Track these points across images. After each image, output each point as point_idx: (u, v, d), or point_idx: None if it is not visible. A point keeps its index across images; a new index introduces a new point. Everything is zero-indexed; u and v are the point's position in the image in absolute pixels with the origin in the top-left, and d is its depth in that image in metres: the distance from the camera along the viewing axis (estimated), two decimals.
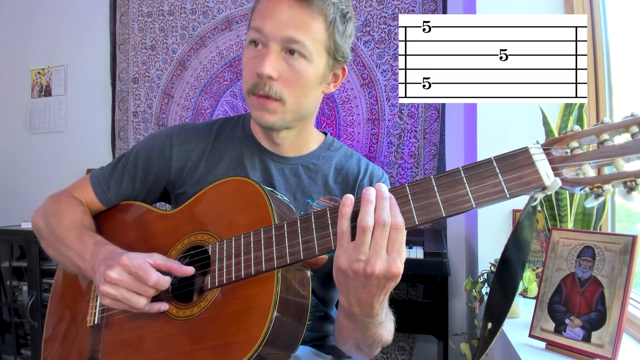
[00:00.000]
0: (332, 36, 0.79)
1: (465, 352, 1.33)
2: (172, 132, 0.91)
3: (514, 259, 0.59)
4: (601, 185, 0.51)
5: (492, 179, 0.53)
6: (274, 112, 0.79)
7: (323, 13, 0.77)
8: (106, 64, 2.56)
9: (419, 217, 0.56)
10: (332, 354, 0.91)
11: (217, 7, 2.34)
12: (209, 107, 2.36)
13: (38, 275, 2.09)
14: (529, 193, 0.53)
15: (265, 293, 0.63)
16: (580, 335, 0.81)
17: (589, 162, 0.52)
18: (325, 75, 0.82)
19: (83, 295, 0.85)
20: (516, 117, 1.45)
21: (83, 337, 0.80)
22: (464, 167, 0.55)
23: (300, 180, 0.88)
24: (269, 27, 0.75)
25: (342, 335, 0.75)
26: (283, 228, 0.65)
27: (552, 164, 0.52)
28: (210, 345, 0.65)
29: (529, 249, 0.61)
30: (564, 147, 0.53)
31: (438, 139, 1.98)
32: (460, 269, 1.95)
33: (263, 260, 0.65)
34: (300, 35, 0.75)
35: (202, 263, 0.76)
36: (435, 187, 0.56)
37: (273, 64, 0.75)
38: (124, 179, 0.90)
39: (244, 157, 0.88)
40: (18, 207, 2.64)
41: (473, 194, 0.54)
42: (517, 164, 0.53)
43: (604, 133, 0.51)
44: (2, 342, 2.34)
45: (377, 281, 0.56)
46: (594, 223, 1.06)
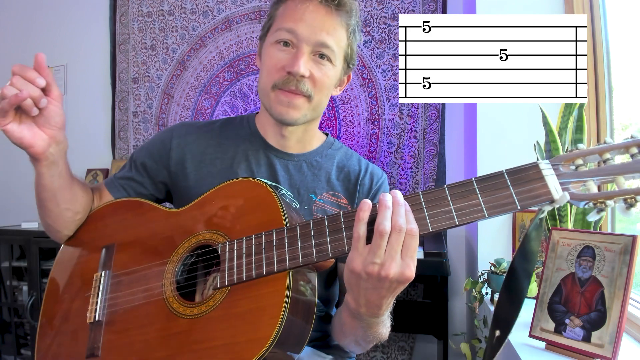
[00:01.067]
0: (351, 45, 0.86)
1: (465, 352, 1.33)
2: (174, 127, 0.95)
3: (521, 268, 0.62)
4: (604, 201, 0.55)
5: (504, 190, 0.56)
6: (299, 108, 0.83)
7: (348, 23, 0.83)
8: (106, 64, 2.56)
9: (433, 224, 0.58)
10: (333, 354, 0.91)
11: (217, 7, 2.34)
12: (209, 107, 2.36)
13: (38, 275, 2.09)
14: (538, 206, 0.56)
15: (277, 294, 0.63)
16: (580, 335, 0.81)
17: (593, 179, 0.56)
18: (340, 79, 0.89)
19: (82, 292, 0.84)
20: (516, 117, 1.45)
21: (81, 333, 0.79)
22: (477, 179, 0.58)
23: (304, 176, 0.90)
24: (303, 30, 0.80)
25: (343, 332, 0.76)
26: (295, 230, 0.66)
27: (559, 179, 0.56)
28: (219, 344, 0.65)
29: (535, 259, 0.63)
30: (569, 164, 0.57)
31: (438, 139, 1.98)
32: (460, 269, 1.95)
33: (275, 261, 0.65)
34: (331, 40, 0.81)
35: (209, 263, 0.76)
36: (448, 196, 0.58)
37: (306, 64, 0.81)
38: (135, 176, 0.93)
39: (248, 153, 0.90)
40: (18, 207, 2.64)
41: (485, 204, 0.56)
42: (527, 178, 0.56)
43: (607, 153, 0.55)
44: (2, 342, 2.34)
45: (390, 284, 0.58)
46: (594, 223, 1.06)
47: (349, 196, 0.91)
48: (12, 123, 0.69)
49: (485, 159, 1.51)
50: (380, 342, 0.75)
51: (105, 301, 0.78)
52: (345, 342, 0.80)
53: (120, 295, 0.78)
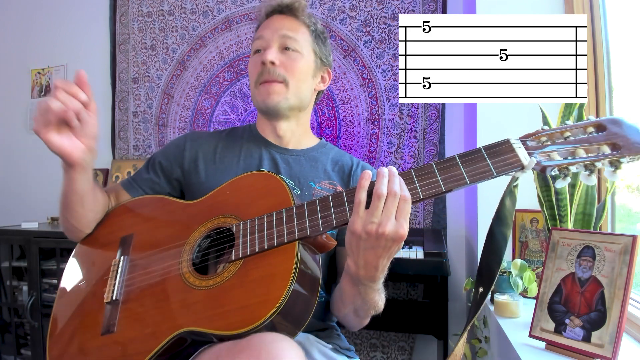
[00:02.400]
0: (316, 40, 1.02)
1: (466, 352, 1.33)
2: (187, 134, 1.06)
3: (497, 231, 0.74)
4: (567, 167, 0.64)
5: (482, 161, 0.67)
6: (278, 93, 0.95)
7: (306, 23, 1.01)
8: (106, 64, 2.56)
9: (423, 192, 0.67)
10: (333, 344, 0.92)
11: (217, 7, 2.34)
12: (209, 107, 2.36)
13: (38, 275, 2.09)
14: (510, 172, 0.66)
15: (286, 261, 0.69)
16: (580, 335, 0.81)
17: (556, 150, 0.66)
18: (316, 71, 1.02)
19: (99, 277, 0.86)
20: (516, 117, 1.45)
21: (98, 314, 0.80)
22: (459, 155, 0.68)
23: (302, 167, 1.00)
24: (268, 33, 0.98)
25: (343, 301, 0.83)
26: (303, 207, 0.73)
27: (527, 150, 0.66)
28: (233, 307, 0.68)
29: (510, 222, 0.74)
30: (536, 141, 0.67)
31: (438, 139, 1.98)
32: (460, 269, 1.95)
33: (285, 233, 0.71)
34: (293, 33, 0.98)
35: (222, 246, 0.79)
36: (435, 170, 0.68)
37: (274, 54, 0.96)
38: (152, 177, 1.01)
39: (252, 151, 1.01)
40: (18, 207, 2.64)
41: (467, 174, 0.66)
42: (501, 151, 0.67)
43: (567, 131, 0.66)
44: (2, 342, 2.34)
45: (385, 242, 0.66)
46: (594, 223, 1.06)
47: (344, 185, 1.00)
48: (54, 133, 0.74)
49: None
50: (376, 312, 0.82)
51: (122, 282, 0.81)
52: (344, 313, 0.86)
53: (137, 275, 0.81)
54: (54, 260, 2.07)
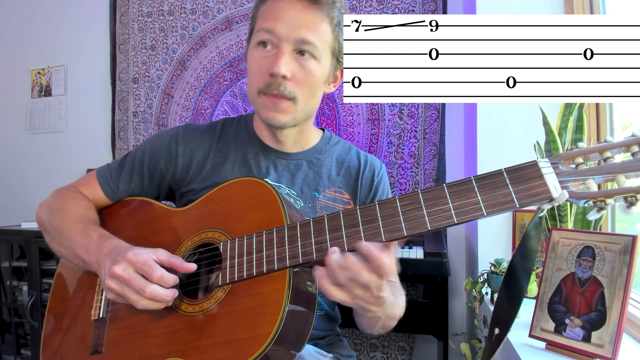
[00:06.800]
0: (337, 38, 0.83)
1: (465, 352, 1.33)
2: (178, 132, 0.92)
3: (520, 267, 0.62)
4: (604, 199, 0.54)
5: (503, 189, 0.56)
6: (285, 112, 0.82)
7: (330, 16, 0.80)
8: (106, 64, 2.56)
9: (431, 223, 0.58)
10: (333, 353, 0.91)
11: (217, 7, 2.34)
12: (209, 107, 2.36)
13: (38, 275, 2.09)
14: (537, 204, 0.55)
15: (277, 291, 0.64)
16: (580, 335, 0.81)
17: (593, 177, 0.55)
18: (329, 75, 0.86)
19: (87, 289, 0.84)
20: (516, 117, 1.45)
21: (87, 330, 0.79)
22: (476, 177, 0.57)
23: (305, 174, 0.91)
24: (281, 29, 0.78)
25: (369, 325, 0.77)
26: (296, 229, 0.66)
27: (559, 177, 0.55)
28: (220, 341, 0.65)
29: (535, 257, 0.62)
30: (569, 162, 0.56)
31: (438, 139, 1.98)
32: (460, 269, 1.95)
33: (275, 259, 0.65)
34: (312, 36, 0.79)
35: (211, 260, 0.76)
36: (447, 194, 0.58)
37: (287, 64, 0.78)
38: (133, 177, 0.91)
39: (248, 157, 0.90)
40: (18, 207, 2.64)
41: (484, 203, 0.56)
42: (526, 176, 0.55)
43: (607, 151, 0.55)
44: (2, 342, 2.34)
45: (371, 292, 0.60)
46: (594, 223, 1.06)
47: (351, 191, 0.92)
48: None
49: (485, 159, 1.51)
50: (403, 312, 0.77)
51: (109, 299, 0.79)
52: (375, 331, 0.81)
53: None
54: (54, 260, 2.07)
